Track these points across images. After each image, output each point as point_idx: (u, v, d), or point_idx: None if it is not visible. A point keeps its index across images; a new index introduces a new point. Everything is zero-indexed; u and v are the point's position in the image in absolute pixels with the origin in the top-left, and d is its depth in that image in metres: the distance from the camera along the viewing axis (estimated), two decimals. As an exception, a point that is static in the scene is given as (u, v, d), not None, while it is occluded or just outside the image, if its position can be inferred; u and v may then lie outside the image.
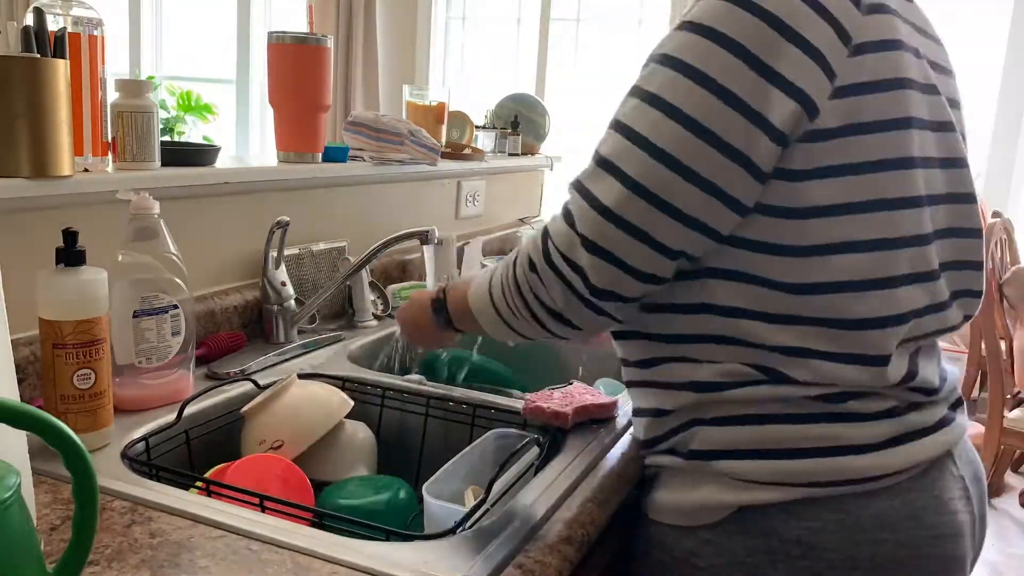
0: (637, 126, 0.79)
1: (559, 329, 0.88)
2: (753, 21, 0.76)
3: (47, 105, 0.97)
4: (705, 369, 0.86)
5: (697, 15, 0.79)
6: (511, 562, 0.74)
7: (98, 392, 0.90)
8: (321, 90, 1.47)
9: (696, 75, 0.77)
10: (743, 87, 0.76)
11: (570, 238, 0.82)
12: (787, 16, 0.76)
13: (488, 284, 0.93)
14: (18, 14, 4.35)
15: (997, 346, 2.73)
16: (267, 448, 0.99)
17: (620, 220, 0.79)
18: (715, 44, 0.77)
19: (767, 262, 0.81)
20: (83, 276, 0.88)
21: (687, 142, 0.77)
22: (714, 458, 0.86)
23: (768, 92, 0.76)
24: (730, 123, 0.76)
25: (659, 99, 0.79)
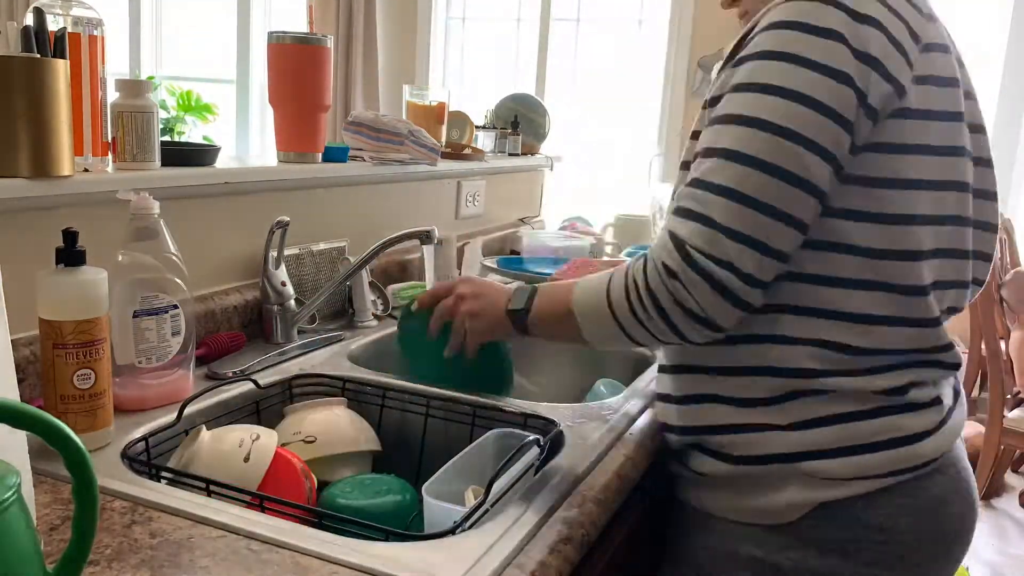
0: (757, 113, 0.84)
1: (698, 334, 0.88)
2: (840, 14, 0.83)
3: (47, 105, 0.97)
4: (782, 351, 0.90)
5: (783, 15, 0.85)
6: (511, 562, 0.74)
7: (98, 392, 0.90)
8: (321, 90, 1.47)
9: (804, 61, 0.83)
10: (848, 66, 0.83)
11: (708, 234, 0.83)
12: (869, 10, 0.84)
13: (605, 291, 0.92)
14: (18, 14, 4.35)
15: (997, 346, 2.73)
16: (300, 439, 1.03)
17: (757, 203, 0.83)
18: (813, 35, 0.83)
19: (853, 228, 0.87)
20: (83, 276, 0.88)
21: (809, 118, 0.82)
22: (797, 460, 0.91)
23: (868, 73, 0.83)
24: (843, 97, 0.83)
25: (773, 87, 0.84)
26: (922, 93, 0.87)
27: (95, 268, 0.90)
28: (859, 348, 0.89)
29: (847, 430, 0.90)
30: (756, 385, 0.92)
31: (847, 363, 0.90)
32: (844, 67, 0.82)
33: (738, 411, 0.94)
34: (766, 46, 0.85)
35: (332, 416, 1.07)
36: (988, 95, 3.53)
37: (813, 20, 0.83)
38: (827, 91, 0.82)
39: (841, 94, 0.82)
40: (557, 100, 3.96)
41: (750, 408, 0.93)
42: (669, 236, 0.86)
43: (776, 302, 0.90)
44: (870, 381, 0.90)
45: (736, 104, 0.86)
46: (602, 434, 1.03)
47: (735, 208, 0.83)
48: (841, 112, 0.83)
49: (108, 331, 0.91)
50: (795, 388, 0.91)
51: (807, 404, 0.91)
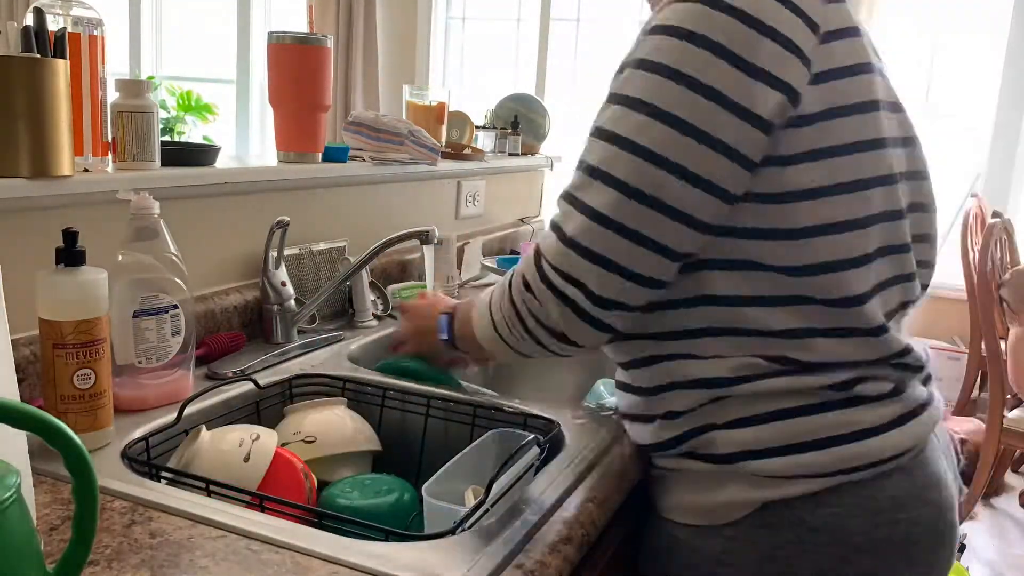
0: (622, 130, 0.80)
1: (560, 348, 0.89)
2: (726, 19, 0.77)
3: (47, 105, 0.97)
4: (712, 365, 0.86)
5: (668, 18, 0.80)
6: (511, 562, 0.74)
7: (98, 392, 0.90)
8: (321, 90, 1.47)
9: (677, 76, 0.77)
10: (726, 84, 0.77)
11: (564, 252, 0.82)
12: (757, 11, 0.77)
13: (488, 308, 0.94)
14: (18, 14, 4.35)
15: (997, 346, 2.73)
16: (300, 439, 1.03)
17: (617, 225, 0.79)
18: (692, 44, 0.77)
19: (761, 247, 0.82)
20: (83, 276, 0.88)
21: (676, 141, 0.77)
22: (739, 460, 0.87)
23: (751, 86, 0.77)
24: (717, 119, 0.77)
25: (642, 102, 0.79)
26: (822, 92, 0.80)
27: (95, 268, 0.89)
28: (800, 361, 0.84)
29: (789, 427, 0.85)
30: (692, 396, 0.88)
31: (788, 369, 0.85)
32: (719, 85, 0.76)
33: (684, 419, 0.90)
34: (643, 54, 0.80)
35: (332, 416, 1.07)
36: (988, 95, 3.53)
37: (694, 27, 0.77)
38: (700, 112, 0.76)
39: (716, 115, 0.76)
40: (557, 100, 3.96)
41: (692, 414, 0.89)
42: (534, 250, 0.86)
43: (697, 325, 0.86)
44: (813, 379, 0.85)
45: (605, 116, 0.82)
46: (602, 434, 1.03)
47: (592, 227, 0.80)
48: (715, 135, 0.77)
49: (108, 331, 0.91)
50: (730, 393, 0.86)
51: (746, 403, 0.86)
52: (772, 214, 0.82)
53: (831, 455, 0.84)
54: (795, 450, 0.85)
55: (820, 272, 0.83)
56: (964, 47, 3.54)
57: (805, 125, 0.80)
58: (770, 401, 0.86)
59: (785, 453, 0.85)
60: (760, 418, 0.86)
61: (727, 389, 0.86)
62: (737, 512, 0.88)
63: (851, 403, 0.85)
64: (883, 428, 0.85)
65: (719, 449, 0.88)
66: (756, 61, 0.77)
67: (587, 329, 0.84)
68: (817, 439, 0.85)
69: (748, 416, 0.86)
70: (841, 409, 0.85)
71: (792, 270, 0.82)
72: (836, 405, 0.85)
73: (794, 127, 0.80)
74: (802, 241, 0.82)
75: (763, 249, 0.82)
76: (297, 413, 1.07)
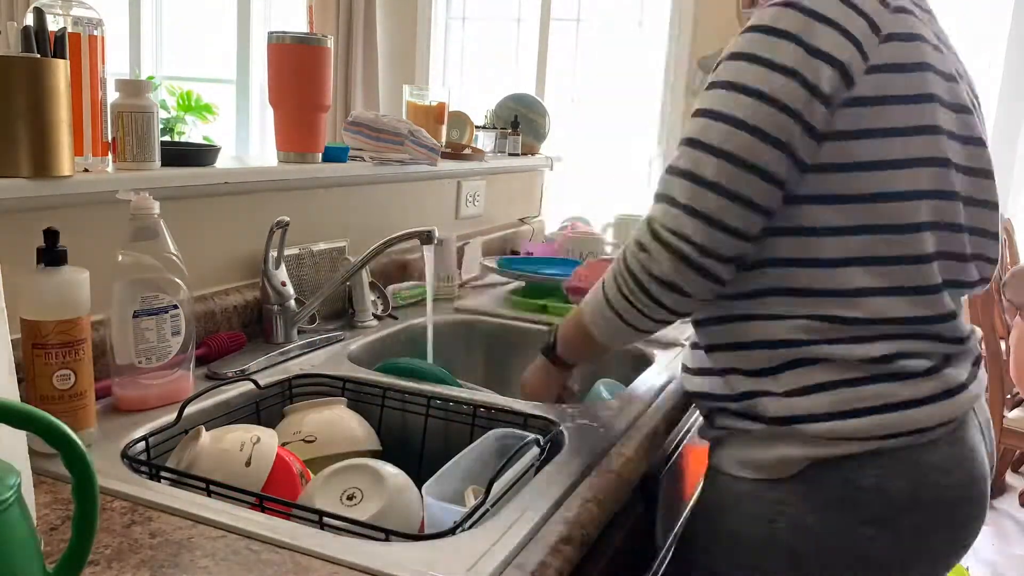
0: (716, 107, 0.94)
1: (673, 301, 0.97)
2: (799, 16, 0.92)
3: (47, 105, 0.97)
4: (773, 326, 0.97)
5: (754, 21, 0.95)
6: (511, 562, 0.74)
7: (78, 393, 0.90)
8: (321, 90, 1.47)
9: (760, 60, 0.92)
10: (796, 61, 0.91)
11: (670, 212, 0.94)
12: (827, 11, 0.92)
13: (601, 286, 1.05)
14: (18, 14, 4.35)
15: (997, 346, 2.73)
16: (300, 439, 1.03)
17: (713, 184, 0.92)
18: (770, 36, 0.93)
19: (821, 212, 0.94)
20: (64, 276, 0.88)
21: (759, 110, 0.91)
22: (793, 423, 0.97)
23: (817, 64, 0.91)
24: (791, 91, 0.91)
25: (732, 83, 0.93)
26: (877, 81, 0.92)
27: (76, 268, 0.89)
28: (849, 319, 0.94)
29: (838, 396, 0.95)
30: (754, 357, 1.00)
31: (836, 331, 0.95)
32: (792, 63, 0.91)
33: (746, 379, 1.01)
34: (732, 48, 0.96)
35: (332, 416, 1.07)
36: (988, 95, 3.53)
37: (773, 23, 0.93)
38: (776, 85, 0.91)
39: (788, 87, 0.91)
40: (557, 100, 3.96)
41: (755, 377, 1.00)
42: (645, 219, 0.98)
43: (762, 286, 0.98)
44: (857, 349, 0.94)
45: (701, 100, 0.97)
46: (602, 434, 1.03)
47: (687, 187, 0.93)
48: (788, 103, 0.91)
49: (90, 331, 0.91)
50: (788, 358, 0.97)
51: (800, 373, 0.96)
52: (831, 182, 0.94)
53: (871, 421, 0.94)
54: (839, 416, 0.94)
55: (869, 233, 0.94)
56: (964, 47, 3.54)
57: (860, 106, 0.92)
58: (816, 374, 0.96)
59: (830, 419, 0.95)
60: (810, 388, 0.96)
61: (784, 351, 0.97)
62: (790, 468, 0.97)
63: (893, 378, 0.94)
64: (919, 403, 0.94)
65: (772, 413, 0.98)
66: (817, 44, 0.91)
67: (695, 277, 0.95)
68: (859, 408, 0.94)
69: (800, 387, 0.96)
70: (885, 383, 0.94)
71: (845, 230, 0.94)
72: (880, 379, 0.94)
73: (851, 107, 0.92)
74: (856, 206, 0.94)
75: (821, 213, 0.94)
76: (297, 413, 1.08)
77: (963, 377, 0.98)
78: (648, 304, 0.99)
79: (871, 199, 0.94)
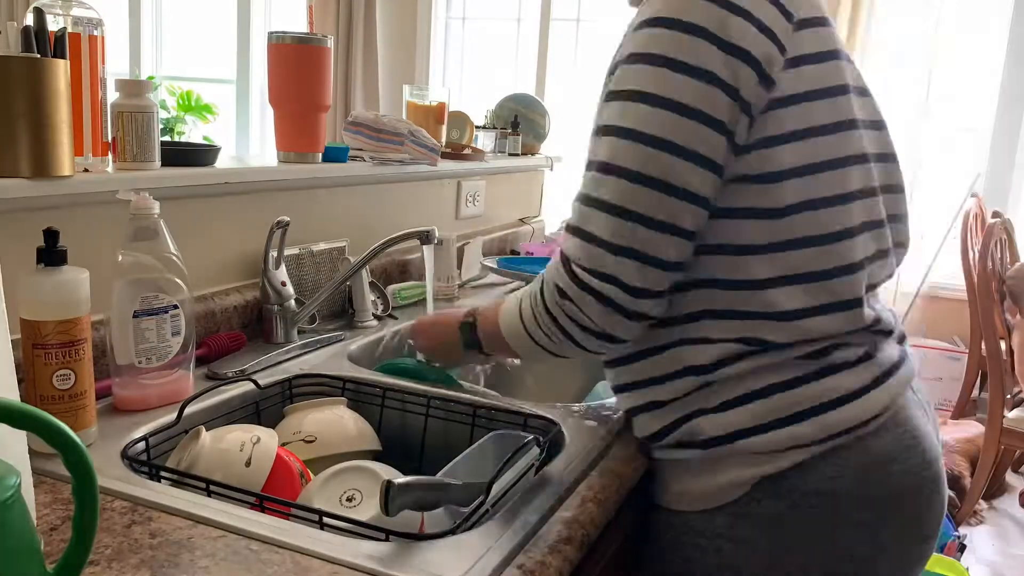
0: (627, 123, 0.83)
1: (600, 347, 0.91)
2: (707, 6, 0.81)
3: (47, 105, 0.97)
4: (703, 351, 0.90)
5: (652, 11, 0.84)
6: (511, 562, 0.74)
7: (78, 393, 0.90)
8: (321, 90, 1.47)
9: (670, 63, 0.81)
10: (714, 64, 0.81)
11: (590, 250, 0.85)
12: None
13: (519, 314, 0.97)
14: (18, 14, 4.35)
15: (997, 346, 2.73)
16: (300, 439, 1.03)
17: (635, 215, 0.83)
18: (679, 32, 0.81)
19: (747, 227, 0.86)
20: (64, 276, 0.88)
21: (679, 124, 0.81)
22: (732, 440, 0.91)
23: (737, 66, 0.81)
24: (712, 98, 0.81)
25: (639, 93, 0.83)
26: (795, 76, 0.84)
27: (76, 268, 0.89)
28: (780, 344, 0.89)
29: (772, 403, 0.89)
30: (682, 384, 0.93)
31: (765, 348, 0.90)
32: (711, 66, 0.80)
33: (673, 408, 0.95)
34: (634, 47, 0.84)
35: (332, 416, 1.07)
36: (988, 95, 3.53)
37: (680, 15, 0.81)
38: (695, 94, 0.81)
39: (710, 95, 0.81)
40: (557, 100, 3.96)
41: (683, 399, 0.94)
42: (560, 257, 0.88)
43: (692, 309, 0.91)
44: (789, 351, 0.89)
45: (608, 113, 0.86)
46: (602, 435, 1.03)
47: (613, 222, 0.83)
48: (711, 114, 0.81)
49: (89, 331, 0.91)
50: (717, 377, 0.91)
51: (731, 385, 0.91)
52: (759, 195, 0.85)
53: (815, 424, 0.88)
54: (780, 424, 0.89)
55: (799, 247, 0.86)
56: (964, 47, 3.54)
57: (783, 107, 0.84)
58: (751, 380, 0.90)
59: (772, 428, 0.89)
60: (743, 398, 0.90)
61: (711, 375, 0.91)
62: (737, 491, 0.92)
63: (827, 372, 0.89)
64: (861, 392, 0.89)
65: (708, 433, 0.92)
66: (736, 41, 0.81)
67: (625, 322, 0.87)
68: (801, 410, 0.89)
69: (732, 398, 0.90)
70: (820, 378, 0.89)
71: (774, 247, 0.86)
72: (813, 376, 0.89)
73: (775, 109, 0.84)
74: (786, 219, 0.86)
75: (747, 229, 0.86)
76: (297, 413, 1.07)
77: (895, 356, 0.94)
78: (573, 348, 0.92)
79: (800, 208, 0.85)
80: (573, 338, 0.90)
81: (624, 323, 0.87)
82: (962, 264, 2.91)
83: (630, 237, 0.83)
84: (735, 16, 0.81)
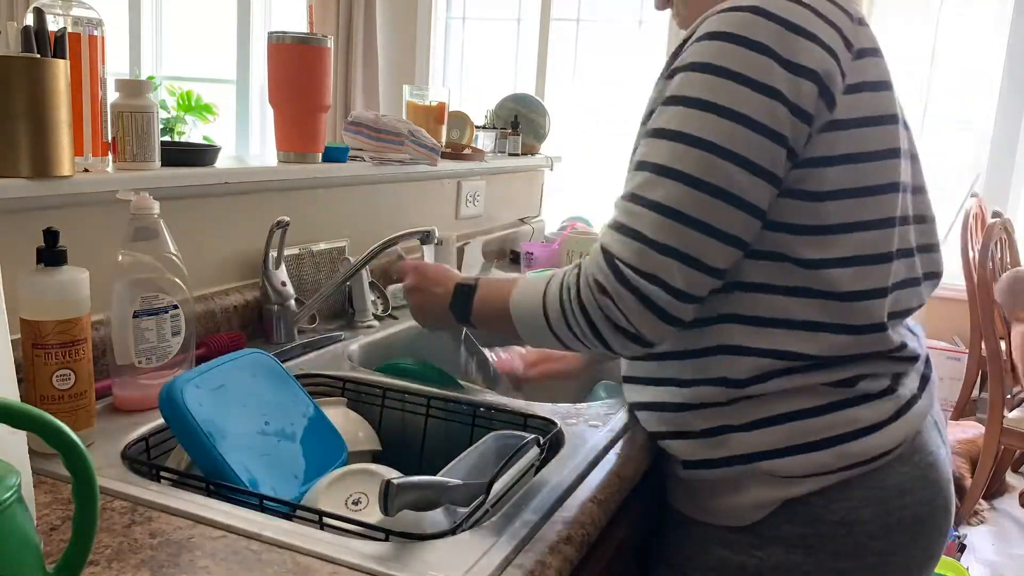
0: (689, 129, 0.84)
1: (624, 347, 0.89)
2: (772, 26, 0.84)
3: (47, 105, 0.97)
4: (738, 363, 0.91)
5: (719, 25, 0.85)
6: (511, 562, 0.74)
7: (78, 393, 0.90)
8: (321, 90, 1.47)
9: (734, 76, 0.83)
10: (778, 80, 0.83)
11: (636, 247, 0.84)
12: (801, 21, 0.84)
13: (541, 300, 0.94)
14: (18, 14, 4.35)
15: (997, 346, 2.73)
16: None
17: (688, 218, 0.83)
18: (742, 47, 0.83)
19: (790, 241, 0.88)
20: (64, 276, 0.88)
21: (742, 135, 0.83)
22: (755, 460, 0.93)
23: (799, 84, 0.83)
24: (775, 111, 0.83)
25: (705, 102, 0.84)
26: (854, 101, 0.87)
27: (76, 268, 0.89)
28: (807, 355, 0.90)
29: (797, 428, 0.91)
30: (709, 392, 0.94)
31: (795, 366, 0.91)
32: (774, 82, 0.82)
33: (702, 416, 0.95)
34: (698, 58, 0.85)
35: (332, 416, 1.07)
36: (988, 95, 3.53)
37: (745, 32, 0.83)
38: (758, 106, 0.82)
39: (772, 109, 0.82)
40: (557, 100, 3.96)
41: (711, 409, 0.95)
42: (601, 251, 0.87)
43: (725, 311, 0.91)
44: (820, 376, 0.91)
45: (668, 118, 0.86)
46: (602, 435, 1.03)
47: (665, 223, 0.83)
48: (773, 127, 0.83)
49: (89, 331, 0.91)
50: (747, 393, 0.92)
51: (761, 404, 0.92)
52: (806, 211, 0.87)
53: (835, 453, 0.91)
54: (803, 450, 0.91)
55: (833, 267, 0.88)
56: (964, 47, 3.54)
57: (838, 130, 0.86)
58: (779, 403, 0.92)
59: (793, 453, 0.91)
60: (772, 420, 0.92)
61: (743, 390, 0.92)
62: (761, 511, 0.94)
63: (851, 403, 0.91)
64: (880, 425, 0.92)
65: (734, 451, 0.94)
66: (800, 61, 0.83)
67: (660, 325, 0.86)
68: (822, 438, 0.91)
69: (761, 418, 0.92)
70: (845, 408, 0.91)
71: (811, 263, 0.88)
72: (841, 405, 0.91)
73: (830, 131, 0.86)
74: (831, 237, 0.88)
75: (789, 242, 0.88)
76: None
77: (915, 388, 0.95)
78: (595, 344, 0.90)
79: (847, 229, 0.88)
80: (601, 335, 0.89)
81: (659, 325, 0.86)
82: (962, 264, 2.90)
83: (680, 239, 0.83)
84: (799, 37, 0.83)
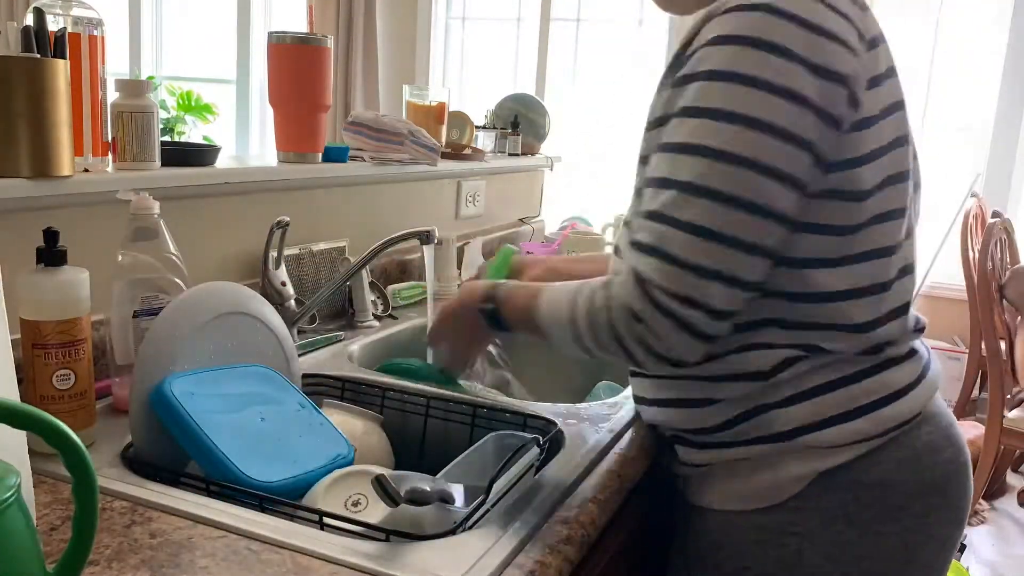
0: (713, 143, 0.80)
1: (658, 366, 0.87)
2: (791, 26, 0.80)
3: (47, 105, 0.97)
4: (763, 357, 0.91)
5: (731, 29, 0.81)
6: (511, 562, 0.74)
7: (79, 393, 0.90)
8: (321, 90, 1.47)
9: (756, 83, 0.79)
10: (803, 84, 0.79)
11: (673, 272, 0.81)
12: (819, 19, 0.81)
13: (569, 317, 0.90)
14: (18, 14, 4.35)
15: (997, 346, 2.73)
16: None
17: (721, 236, 0.80)
18: (761, 51, 0.79)
19: (819, 241, 0.87)
20: (64, 276, 0.88)
21: (769, 145, 0.80)
22: (798, 435, 0.92)
23: (827, 88, 0.81)
24: (802, 118, 0.80)
25: (727, 113, 0.80)
26: (874, 96, 0.85)
27: (76, 268, 0.89)
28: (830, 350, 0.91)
29: (835, 398, 0.91)
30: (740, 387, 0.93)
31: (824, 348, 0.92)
32: (801, 87, 0.79)
33: (731, 406, 0.94)
34: (712, 64, 0.81)
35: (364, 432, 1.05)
36: (988, 95, 3.53)
37: (763, 35, 0.79)
38: (784, 114, 0.79)
39: (799, 115, 0.79)
40: (557, 100, 3.96)
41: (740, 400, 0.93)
42: (633, 276, 0.83)
43: (759, 317, 0.90)
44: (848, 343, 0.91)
45: (688, 131, 0.82)
46: (602, 434, 1.03)
47: (699, 243, 0.80)
48: (800, 134, 0.80)
49: (90, 331, 0.91)
50: (776, 382, 0.92)
51: (793, 383, 0.91)
52: (837, 210, 0.86)
53: (873, 420, 0.91)
54: (842, 419, 0.91)
55: (871, 259, 0.89)
56: (964, 47, 3.54)
57: (866, 127, 0.85)
58: (811, 378, 0.91)
59: (834, 423, 0.91)
60: (809, 392, 0.91)
61: (768, 381, 0.92)
62: (799, 485, 0.93)
63: (882, 367, 0.92)
64: (910, 387, 0.93)
65: (777, 427, 0.92)
66: (828, 66, 0.80)
67: (698, 344, 0.84)
68: (860, 406, 0.91)
69: (799, 392, 0.91)
70: (876, 374, 0.92)
71: (850, 259, 0.88)
72: (871, 371, 0.92)
73: (858, 130, 0.84)
74: (861, 233, 0.88)
75: (822, 243, 0.87)
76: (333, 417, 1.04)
77: (927, 353, 0.99)
78: (625, 360, 0.89)
79: (873, 222, 0.87)
80: (634, 358, 0.86)
81: (695, 345, 0.84)
82: (962, 264, 2.90)
83: (716, 259, 0.80)
84: (821, 37, 0.80)
